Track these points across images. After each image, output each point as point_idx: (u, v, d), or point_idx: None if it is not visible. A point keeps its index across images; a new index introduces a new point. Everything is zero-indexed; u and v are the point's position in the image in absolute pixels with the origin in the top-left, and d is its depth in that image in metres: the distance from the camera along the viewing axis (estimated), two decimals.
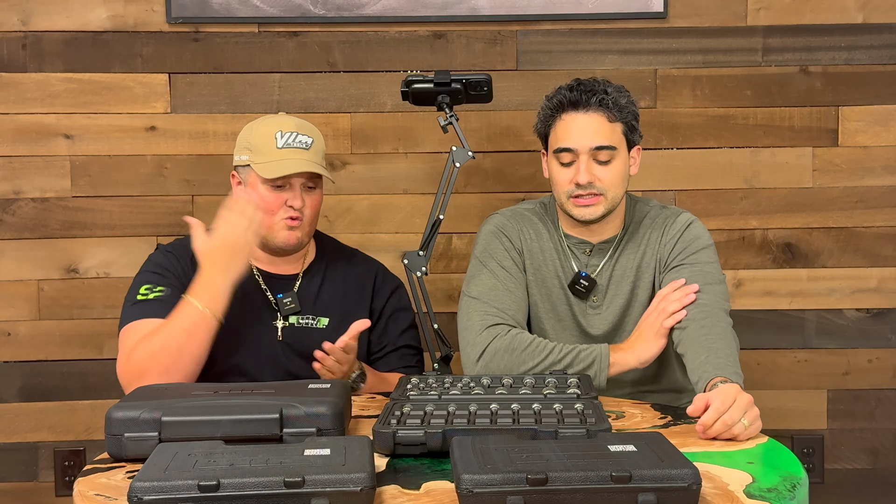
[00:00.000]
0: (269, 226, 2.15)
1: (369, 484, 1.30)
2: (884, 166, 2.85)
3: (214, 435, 1.54)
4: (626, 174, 2.20)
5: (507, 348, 2.09)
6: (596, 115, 2.15)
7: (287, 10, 2.76)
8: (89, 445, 2.80)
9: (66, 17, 2.74)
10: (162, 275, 2.16)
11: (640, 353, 2.09)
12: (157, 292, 2.12)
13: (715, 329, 2.02)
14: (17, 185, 2.77)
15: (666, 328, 2.08)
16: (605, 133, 2.15)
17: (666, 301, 2.10)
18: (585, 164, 2.14)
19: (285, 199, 2.14)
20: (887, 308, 2.88)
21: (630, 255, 2.24)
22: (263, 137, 2.16)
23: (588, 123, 2.15)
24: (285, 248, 2.18)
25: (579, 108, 2.15)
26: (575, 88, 2.17)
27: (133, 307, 2.12)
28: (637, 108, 2.21)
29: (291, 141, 2.14)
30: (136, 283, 2.17)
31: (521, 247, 2.26)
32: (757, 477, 1.47)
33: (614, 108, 2.15)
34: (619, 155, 2.16)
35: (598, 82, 2.18)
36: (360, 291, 2.28)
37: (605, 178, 2.15)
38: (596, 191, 2.15)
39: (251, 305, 2.19)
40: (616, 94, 2.16)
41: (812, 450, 2.88)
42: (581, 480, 1.28)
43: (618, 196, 2.18)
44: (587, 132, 2.15)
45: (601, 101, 2.14)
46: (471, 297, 2.19)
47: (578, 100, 2.15)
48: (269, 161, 2.13)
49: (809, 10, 2.81)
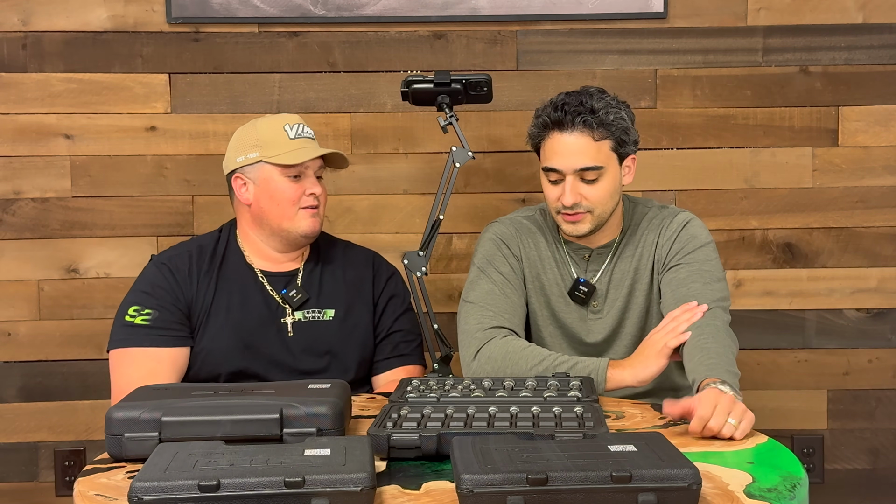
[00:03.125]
0: (290, 217, 2.18)
1: (369, 484, 1.30)
2: (884, 166, 2.85)
3: (215, 435, 1.54)
4: (617, 188, 2.17)
5: (502, 351, 2.09)
6: (581, 135, 2.11)
7: (287, 10, 2.76)
8: (89, 445, 2.80)
9: (66, 17, 2.74)
10: (151, 294, 2.18)
11: (639, 372, 2.04)
12: (145, 316, 2.15)
13: (708, 328, 2.02)
14: (18, 185, 2.77)
15: (669, 348, 2.03)
16: (591, 153, 2.12)
17: (676, 322, 2.05)
18: (571, 184, 2.13)
19: (304, 189, 2.18)
20: (887, 308, 2.88)
21: (628, 258, 2.24)
22: (273, 132, 2.19)
23: (573, 144, 2.12)
24: (308, 237, 2.22)
25: (564, 129, 2.12)
26: (560, 107, 2.13)
27: (121, 329, 2.17)
28: (628, 119, 2.16)
29: (301, 132, 2.21)
30: (128, 299, 2.20)
31: (521, 255, 2.26)
32: (757, 477, 1.47)
33: (600, 127, 2.11)
34: (608, 172, 2.14)
35: (584, 100, 2.13)
36: (360, 282, 2.30)
37: (592, 196, 2.14)
38: (582, 210, 2.14)
39: (255, 308, 2.20)
40: (604, 112, 2.11)
41: (812, 450, 2.88)
42: (581, 480, 1.28)
43: (606, 211, 2.17)
44: (572, 153, 2.12)
45: (585, 121, 2.10)
46: (469, 302, 2.20)
47: (563, 120, 2.12)
48: (286, 151, 2.17)
49: (809, 10, 2.81)
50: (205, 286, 2.20)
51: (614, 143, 2.14)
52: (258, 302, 2.20)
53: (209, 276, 2.21)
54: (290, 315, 2.20)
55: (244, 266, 2.24)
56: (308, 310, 2.22)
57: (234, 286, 2.21)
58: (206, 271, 2.21)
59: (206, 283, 2.20)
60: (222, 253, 2.25)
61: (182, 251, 2.25)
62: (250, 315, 2.19)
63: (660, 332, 2.07)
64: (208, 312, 2.18)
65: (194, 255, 2.23)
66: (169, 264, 2.21)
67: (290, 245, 2.23)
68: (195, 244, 2.28)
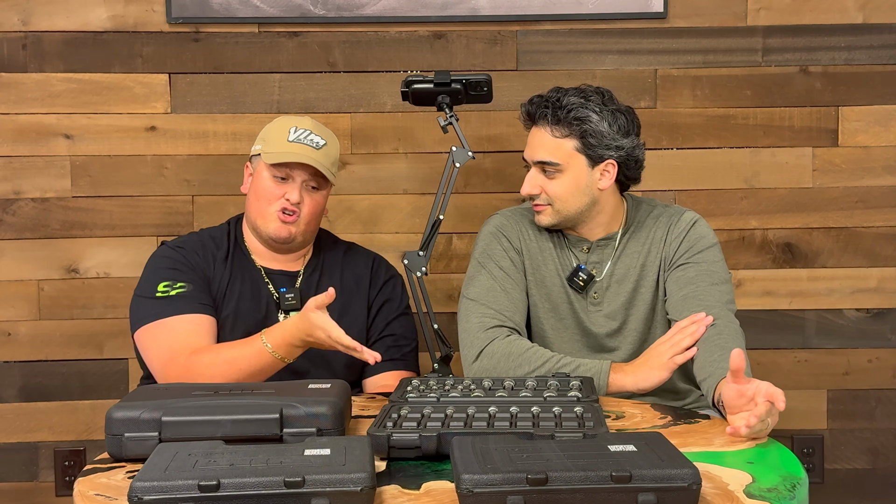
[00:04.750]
0: (262, 213, 2.18)
1: (369, 484, 1.30)
2: (884, 166, 2.85)
3: (214, 435, 1.54)
4: (581, 188, 2.18)
5: (504, 352, 2.09)
6: (543, 130, 2.19)
7: (287, 10, 2.76)
8: (89, 445, 2.80)
9: (66, 17, 2.74)
10: (179, 270, 2.17)
11: (641, 380, 2.04)
12: (179, 288, 2.13)
13: (727, 329, 2.03)
14: (17, 185, 2.77)
15: (675, 363, 2.04)
16: (549, 148, 2.18)
17: (682, 333, 2.05)
18: (531, 175, 2.22)
19: (284, 192, 2.16)
20: (887, 308, 2.88)
21: (634, 253, 2.24)
22: (278, 131, 2.20)
23: (536, 137, 2.21)
24: (276, 240, 2.20)
25: (535, 121, 2.21)
26: (532, 100, 2.21)
27: (154, 303, 2.11)
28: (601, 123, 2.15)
29: (303, 137, 2.18)
30: (150, 279, 2.16)
31: (521, 247, 2.27)
32: (757, 477, 1.47)
33: (559, 125, 2.16)
34: (568, 170, 2.17)
35: (560, 97, 2.17)
36: (357, 284, 2.30)
37: (550, 190, 2.19)
38: (542, 202, 2.21)
39: (258, 301, 2.21)
40: (569, 111, 2.14)
41: (812, 450, 2.88)
42: (581, 480, 1.28)
43: (568, 208, 2.19)
44: (533, 145, 2.21)
45: (545, 116, 2.17)
46: (469, 299, 2.20)
47: (533, 112, 2.21)
48: (277, 151, 2.17)
49: (809, 10, 2.81)
50: (220, 272, 2.21)
51: (578, 144, 2.16)
52: (261, 296, 2.22)
53: (224, 264, 2.22)
54: (280, 314, 2.21)
55: (250, 260, 2.25)
56: None
57: (247, 275, 2.23)
58: (221, 259, 2.22)
59: (221, 269, 2.21)
60: (233, 244, 2.26)
61: (195, 238, 2.26)
62: (257, 307, 2.20)
63: (666, 342, 2.07)
64: (223, 298, 2.19)
65: (208, 242, 2.24)
66: (185, 247, 2.22)
67: (267, 244, 2.23)
68: (205, 233, 2.29)
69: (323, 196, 2.23)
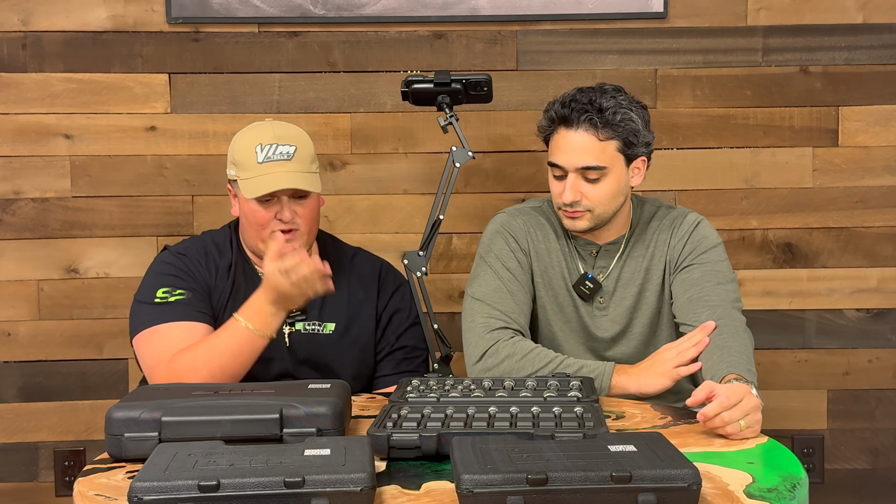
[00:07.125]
0: (263, 239, 2.12)
1: (369, 484, 1.30)
2: (884, 166, 2.85)
3: (214, 435, 1.54)
4: (620, 189, 2.16)
5: (508, 352, 2.09)
6: (586, 133, 2.11)
7: (287, 10, 2.76)
8: (89, 445, 2.80)
9: (66, 17, 2.74)
10: (180, 277, 2.14)
11: (643, 385, 2.04)
12: (178, 295, 2.10)
13: (728, 328, 2.03)
14: (17, 185, 2.77)
15: (678, 374, 2.04)
16: (594, 152, 2.12)
17: (689, 342, 2.05)
18: (572, 182, 2.13)
19: (275, 212, 2.11)
20: (887, 308, 2.88)
21: (639, 257, 2.24)
22: (244, 153, 2.12)
23: (577, 142, 2.12)
24: None
25: (570, 126, 2.12)
26: (567, 104, 2.13)
27: (153, 309, 2.09)
28: (640, 121, 2.14)
29: (272, 154, 2.09)
30: (150, 284, 2.15)
31: (528, 248, 2.25)
32: (757, 477, 1.47)
33: (606, 127, 2.10)
34: (612, 172, 2.13)
35: (594, 97, 2.12)
36: (364, 295, 2.27)
37: (593, 195, 2.14)
38: (581, 208, 2.15)
39: None
40: (611, 112, 2.10)
41: (812, 450, 2.88)
42: (581, 480, 1.28)
43: (607, 211, 2.16)
44: (575, 151, 2.12)
45: (590, 120, 2.10)
46: (474, 298, 2.19)
47: (569, 117, 2.12)
48: (251, 177, 2.09)
49: (809, 10, 2.81)
50: (223, 282, 2.17)
51: (620, 144, 2.13)
52: None
53: (227, 273, 2.19)
54: (286, 326, 2.17)
55: (253, 268, 2.21)
56: (309, 322, 2.19)
57: (250, 285, 2.16)
58: (224, 268, 2.19)
59: (224, 279, 2.18)
60: (236, 252, 2.22)
61: (198, 244, 2.23)
62: None
63: (672, 349, 2.07)
64: (224, 308, 2.15)
65: (211, 250, 2.21)
66: (188, 254, 2.19)
67: None
68: (209, 239, 2.25)
69: (314, 199, 2.16)
